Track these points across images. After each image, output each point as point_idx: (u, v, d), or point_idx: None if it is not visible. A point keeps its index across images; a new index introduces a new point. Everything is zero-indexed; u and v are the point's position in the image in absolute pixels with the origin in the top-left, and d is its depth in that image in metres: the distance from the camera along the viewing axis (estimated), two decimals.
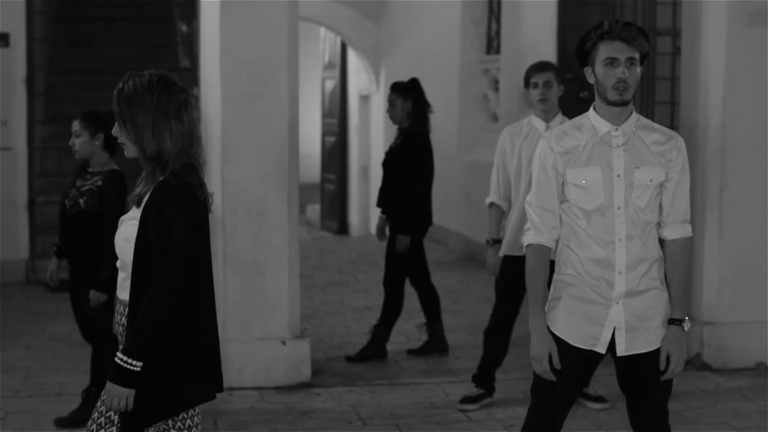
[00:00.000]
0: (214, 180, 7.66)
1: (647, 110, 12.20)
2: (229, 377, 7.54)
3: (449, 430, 6.87)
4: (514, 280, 7.04)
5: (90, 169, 6.95)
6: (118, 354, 3.97)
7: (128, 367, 3.94)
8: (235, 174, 7.71)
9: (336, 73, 18.35)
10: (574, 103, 11.99)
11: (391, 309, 8.71)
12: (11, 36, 11.82)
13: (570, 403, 4.64)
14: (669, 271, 4.50)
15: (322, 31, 18.46)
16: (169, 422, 4.13)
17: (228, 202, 7.67)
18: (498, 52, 13.27)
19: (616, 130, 4.41)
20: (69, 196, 6.94)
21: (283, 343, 7.78)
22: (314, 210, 19.83)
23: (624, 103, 4.40)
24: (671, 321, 4.44)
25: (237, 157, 7.70)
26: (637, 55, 4.36)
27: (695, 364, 8.11)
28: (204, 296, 4.13)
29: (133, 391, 3.96)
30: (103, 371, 6.91)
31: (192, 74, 12.48)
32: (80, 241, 6.89)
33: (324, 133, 19.08)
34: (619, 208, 4.38)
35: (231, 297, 7.71)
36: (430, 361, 8.58)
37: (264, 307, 7.77)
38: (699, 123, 8.27)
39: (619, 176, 4.38)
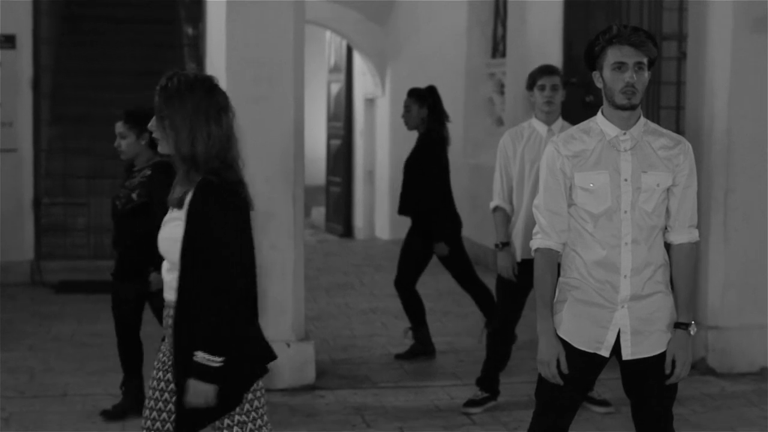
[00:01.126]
0: None
1: (653, 115, 12.20)
2: None
3: None
4: (516, 284, 7.06)
5: (135, 168, 6.97)
6: (197, 353, 4.00)
7: (210, 363, 3.99)
8: None
9: (341, 76, 18.36)
10: (580, 108, 12.02)
11: (416, 308, 8.74)
12: (17, 37, 11.85)
13: (575, 406, 4.63)
14: (675, 275, 4.49)
15: (328, 34, 18.48)
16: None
17: None
18: (504, 55, 13.28)
19: (624, 134, 4.41)
20: (120, 197, 6.94)
21: (288, 345, 7.78)
22: (319, 213, 19.85)
23: (632, 107, 4.40)
24: (677, 325, 4.44)
25: (242, 159, 7.68)
26: (645, 60, 4.36)
27: (700, 368, 8.11)
28: (253, 285, 4.21)
29: (216, 387, 4.02)
30: (128, 361, 7.03)
31: None
32: (133, 235, 6.87)
33: (329, 137, 19.09)
34: (625, 211, 4.38)
35: None
36: (433, 364, 8.59)
37: (269, 309, 7.76)
38: (704, 127, 8.27)
39: (626, 180, 4.38)
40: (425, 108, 8.62)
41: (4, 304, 10.45)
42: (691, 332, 4.45)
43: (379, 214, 17.08)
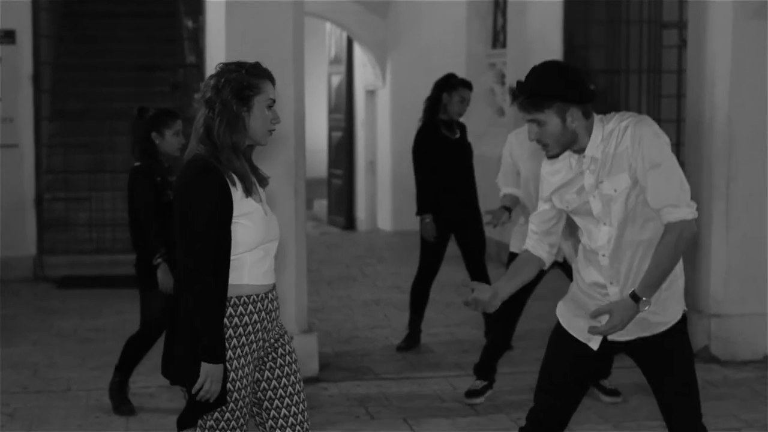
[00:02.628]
0: None
1: (654, 103, 12.20)
2: None
3: (457, 424, 6.88)
4: None
5: (168, 165, 6.98)
6: None
7: None
8: None
9: (342, 68, 18.33)
10: None
11: (423, 301, 8.85)
12: (17, 33, 11.85)
13: (572, 393, 4.62)
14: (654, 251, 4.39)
15: (328, 26, 18.45)
16: None
17: None
18: (504, 46, 13.27)
19: (583, 156, 4.38)
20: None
21: (291, 337, 7.76)
22: (321, 205, 19.83)
23: (553, 157, 4.42)
24: (631, 294, 4.34)
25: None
26: (540, 116, 4.28)
27: (703, 356, 8.11)
28: None
29: None
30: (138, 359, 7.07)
31: (198, 70, 12.49)
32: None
33: (331, 129, 19.07)
34: (605, 224, 4.37)
35: None
36: (436, 355, 8.59)
37: None
38: (705, 116, 8.26)
39: (594, 197, 4.37)
40: None
41: (6, 300, 10.47)
42: (640, 308, 4.31)
43: (382, 205, 17.06)
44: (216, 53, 7.87)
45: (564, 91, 4.26)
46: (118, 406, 7.01)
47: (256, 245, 4.20)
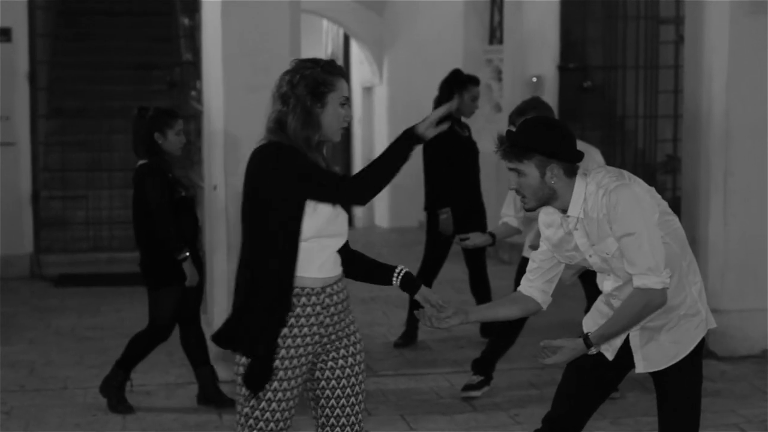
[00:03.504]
0: (217, 173, 7.65)
1: (651, 99, 12.20)
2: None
3: (454, 420, 6.88)
4: None
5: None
6: None
7: None
8: (239, 166, 7.67)
9: None
10: (579, 92, 12.01)
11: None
12: (13, 31, 11.83)
13: (588, 400, 4.67)
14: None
15: (325, 23, 18.46)
16: None
17: (231, 195, 7.65)
18: (501, 42, 13.25)
19: (568, 217, 4.37)
20: (186, 187, 6.94)
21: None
22: None
23: (530, 210, 4.41)
24: (584, 336, 4.38)
25: (240, 149, 7.67)
26: (519, 167, 4.28)
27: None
28: None
29: None
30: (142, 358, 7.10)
31: (194, 67, 12.47)
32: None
33: None
34: (609, 274, 4.41)
35: None
36: (434, 351, 8.59)
37: None
38: (703, 111, 8.26)
39: (591, 256, 4.38)
40: None
41: (4, 298, 10.46)
42: (590, 351, 4.39)
43: (379, 202, 17.06)
44: (212, 51, 7.86)
45: (546, 146, 4.24)
46: (116, 404, 7.00)
47: (312, 236, 4.18)
